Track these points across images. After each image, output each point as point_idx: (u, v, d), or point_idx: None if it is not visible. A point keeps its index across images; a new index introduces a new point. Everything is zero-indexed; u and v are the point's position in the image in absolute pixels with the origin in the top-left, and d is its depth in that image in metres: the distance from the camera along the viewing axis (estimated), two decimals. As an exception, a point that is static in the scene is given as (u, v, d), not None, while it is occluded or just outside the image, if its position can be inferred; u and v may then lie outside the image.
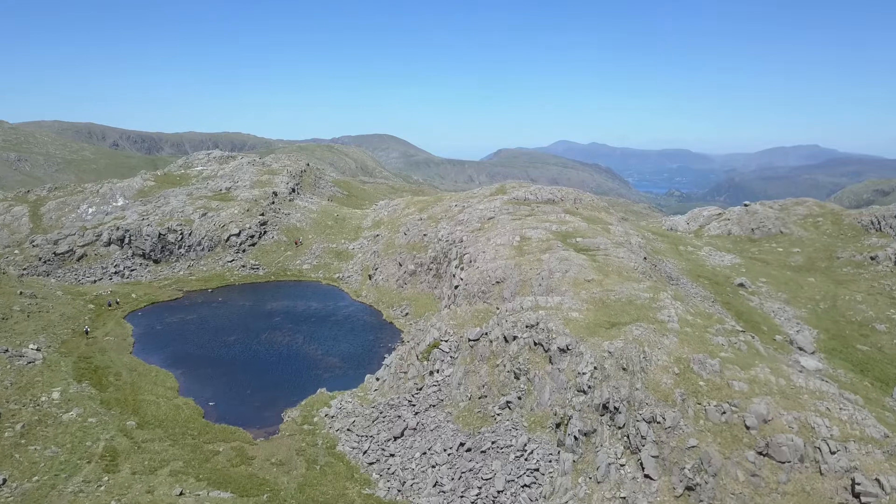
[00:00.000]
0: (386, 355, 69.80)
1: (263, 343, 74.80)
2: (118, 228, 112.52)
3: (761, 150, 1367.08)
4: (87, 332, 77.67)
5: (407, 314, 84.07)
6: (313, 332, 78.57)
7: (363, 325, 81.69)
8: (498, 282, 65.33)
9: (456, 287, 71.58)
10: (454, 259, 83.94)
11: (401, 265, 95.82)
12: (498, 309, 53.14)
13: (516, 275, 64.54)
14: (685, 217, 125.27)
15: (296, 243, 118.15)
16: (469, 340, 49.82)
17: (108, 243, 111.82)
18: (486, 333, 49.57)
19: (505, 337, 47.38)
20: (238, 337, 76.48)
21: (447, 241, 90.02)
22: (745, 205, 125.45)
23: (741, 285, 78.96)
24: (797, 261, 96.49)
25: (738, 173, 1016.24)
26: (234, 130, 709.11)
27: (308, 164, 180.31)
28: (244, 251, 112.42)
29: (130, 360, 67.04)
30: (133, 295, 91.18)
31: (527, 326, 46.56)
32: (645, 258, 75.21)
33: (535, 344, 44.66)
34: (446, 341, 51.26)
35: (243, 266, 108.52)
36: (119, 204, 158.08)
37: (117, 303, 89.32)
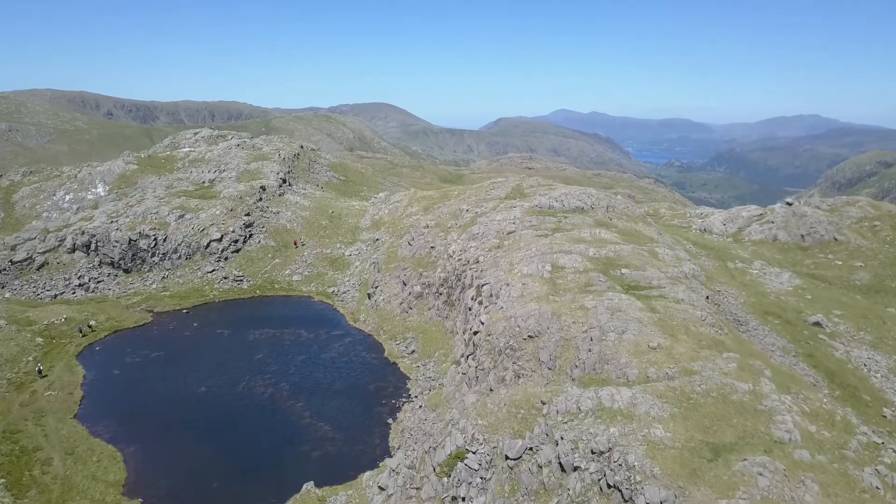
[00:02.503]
0: (390, 421, 55.85)
1: (241, 396, 60.59)
2: (83, 233, 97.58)
3: (762, 120, 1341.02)
4: (39, 372, 63.96)
5: (413, 351, 69.81)
6: (302, 377, 64.34)
7: (361, 367, 67.42)
8: (531, 336, 50.98)
9: (476, 333, 57.23)
10: (469, 287, 69.37)
11: (405, 284, 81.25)
12: (543, 405, 39.03)
13: (555, 329, 50.16)
14: (721, 217, 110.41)
15: (295, 244, 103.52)
16: (507, 458, 35.78)
17: (73, 249, 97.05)
18: (532, 449, 35.46)
19: (561, 464, 33.29)
20: (211, 386, 62.21)
21: (459, 259, 75.33)
22: (788, 203, 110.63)
23: (817, 324, 64.80)
24: (863, 279, 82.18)
25: (738, 143, 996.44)
26: (230, 99, 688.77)
27: (302, 147, 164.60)
28: (226, 259, 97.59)
29: (71, 431, 52.81)
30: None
31: (593, 452, 32.49)
32: (707, 297, 60.83)
33: (610, 487, 30.65)
34: (474, 452, 37.20)
35: (225, 278, 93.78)
36: (99, 190, 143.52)
37: (90, 327, 75.76)
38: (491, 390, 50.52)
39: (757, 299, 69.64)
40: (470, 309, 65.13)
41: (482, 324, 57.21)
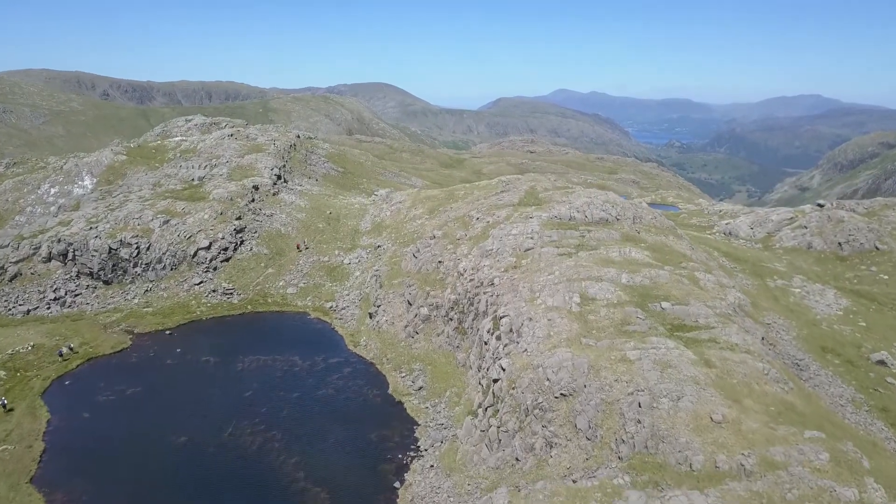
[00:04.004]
0: (397, 485, 47.57)
1: (227, 448, 52.28)
2: (60, 241, 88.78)
3: (763, 100, 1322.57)
4: (3, 406, 56.27)
5: (421, 388, 61.47)
6: (296, 421, 56.00)
7: (363, 407, 59.10)
8: (564, 395, 42.78)
9: (495, 381, 48.98)
10: (484, 315, 61.05)
11: (410, 304, 72.83)
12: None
13: (594, 388, 41.90)
14: (748, 221, 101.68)
15: (298, 248, 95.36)
16: None
17: (49, 259, 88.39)
18: (585, 588, 27.60)
19: None
20: (193, 434, 53.88)
21: (472, 280, 66.84)
22: (819, 205, 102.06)
23: (882, 363, 56.62)
24: (914, 297, 73.91)
25: (738, 124, 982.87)
26: (227, 80, 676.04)
27: (298, 136, 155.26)
28: (215, 269, 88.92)
29: (25, 502, 44.84)
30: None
31: None
32: (763, 339, 52.57)
33: None
34: (509, 581, 29.29)
35: (213, 291, 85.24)
36: (86, 183, 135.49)
37: (71, 349, 68.43)
38: (517, 460, 42.43)
39: (809, 331, 61.38)
40: (486, 343, 56.84)
41: (503, 370, 48.90)
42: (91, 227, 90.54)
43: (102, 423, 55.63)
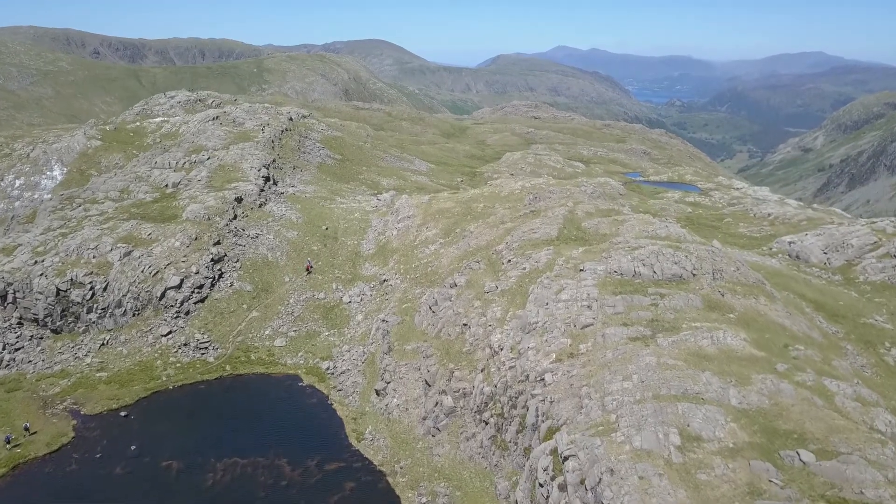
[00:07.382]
0: None
1: None
2: (-2, 278, 71.16)
3: (765, 58, 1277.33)
4: None
5: (449, 529, 45.16)
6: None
7: (372, 561, 42.98)
8: None
9: (569, 589, 32.73)
10: (534, 429, 44.20)
11: (429, 385, 55.89)
12: None
13: None
14: (819, 243, 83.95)
15: (308, 270, 78.84)
16: None
17: (-15, 300, 71.01)
18: None
19: None
20: None
21: (511, 367, 49.66)
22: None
23: None
24: None
25: (740, 81, 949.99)
26: (220, 37, 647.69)
27: (291, 119, 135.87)
28: (187, 314, 71.38)
29: None
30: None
31: None
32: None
33: None
34: None
35: (185, 345, 67.95)
36: (55, 173, 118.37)
37: (27, 430, 53.97)
38: None
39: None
40: (542, 486, 40.10)
41: (581, 573, 32.36)
42: (36, 261, 72.61)
43: None
